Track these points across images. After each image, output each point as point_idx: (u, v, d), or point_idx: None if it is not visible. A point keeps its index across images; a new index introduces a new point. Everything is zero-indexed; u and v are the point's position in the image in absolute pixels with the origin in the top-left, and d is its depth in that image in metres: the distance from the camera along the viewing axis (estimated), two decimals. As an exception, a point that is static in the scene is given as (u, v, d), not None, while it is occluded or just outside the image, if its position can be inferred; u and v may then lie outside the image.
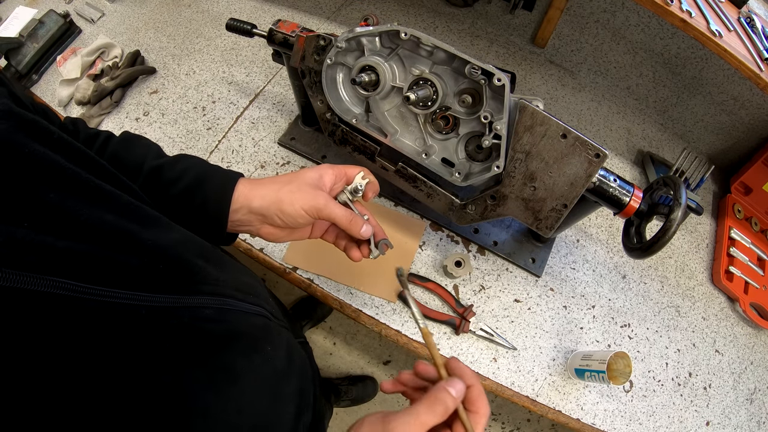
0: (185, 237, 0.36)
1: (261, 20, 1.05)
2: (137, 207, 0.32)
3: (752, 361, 0.78)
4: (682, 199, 0.51)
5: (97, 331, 0.24)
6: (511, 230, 0.80)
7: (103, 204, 0.29)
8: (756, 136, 0.93)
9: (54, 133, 0.28)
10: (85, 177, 0.28)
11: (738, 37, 0.73)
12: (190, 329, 0.30)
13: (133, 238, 0.29)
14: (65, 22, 1.00)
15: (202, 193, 0.43)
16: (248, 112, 0.90)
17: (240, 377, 0.32)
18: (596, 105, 1.02)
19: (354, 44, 0.60)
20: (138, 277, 0.28)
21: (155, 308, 0.28)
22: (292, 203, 0.43)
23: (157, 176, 0.44)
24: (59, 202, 0.25)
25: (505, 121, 0.53)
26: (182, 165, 0.45)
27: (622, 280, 0.80)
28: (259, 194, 0.44)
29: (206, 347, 0.30)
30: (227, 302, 0.34)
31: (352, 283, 0.72)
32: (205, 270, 0.34)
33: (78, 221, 0.26)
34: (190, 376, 0.28)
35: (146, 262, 0.29)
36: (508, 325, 0.72)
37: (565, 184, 0.56)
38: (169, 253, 0.31)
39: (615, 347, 0.74)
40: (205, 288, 0.33)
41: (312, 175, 0.46)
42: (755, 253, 0.86)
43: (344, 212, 0.45)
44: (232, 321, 0.34)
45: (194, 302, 0.31)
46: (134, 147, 0.46)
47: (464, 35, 1.07)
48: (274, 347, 0.38)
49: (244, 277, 0.41)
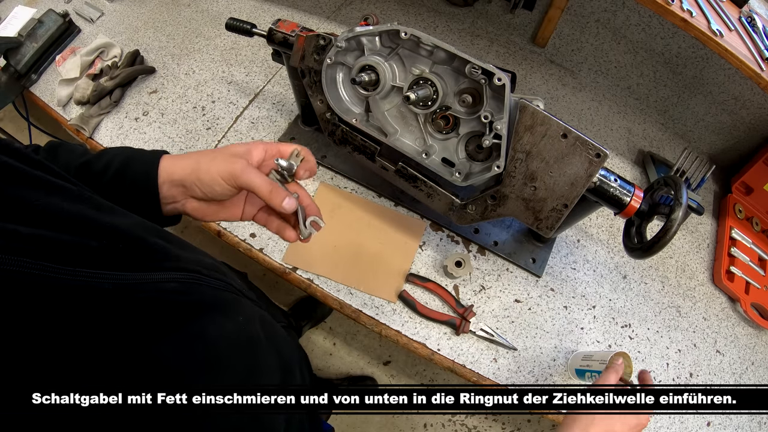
0: (142, 221, 0.36)
1: (261, 20, 1.04)
2: (90, 197, 0.33)
3: (753, 362, 0.78)
4: (683, 199, 0.51)
5: (65, 308, 0.25)
6: (511, 230, 0.79)
7: (58, 194, 0.30)
8: (757, 135, 0.93)
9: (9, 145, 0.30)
10: (36, 173, 0.30)
11: (739, 36, 0.73)
12: (157, 301, 0.30)
13: (92, 221, 0.30)
14: (64, 22, 1.00)
15: (130, 174, 0.43)
16: (248, 112, 0.90)
17: (214, 343, 0.32)
18: (597, 105, 1.01)
19: (354, 44, 0.60)
20: (99, 257, 0.28)
21: (120, 284, 0.28)
22: (209, 170, 0.42)
23: (87, 171, 0.44)
24: (17, 194, 0.27)
25: (505, 120, 0.53)
26: (108, 155, 0.45)
27: (622, 281, 0.80)
28: (180, 165, 0.44)
29: (175, 316, 0.31)
30: (192, 276, 0.35)
31: (352, 283, 0.72)
32: (165, 249, 0.35)
33: (36, 210, 0.27)
34: (165, 344, 0.29)
35: (105, 243, 0.29)
36: (509, 326, 0.72)
37: (565, 184, 0.55)
38: (128, 233, 0.32)
39: (616, 348, 0.74)
40: (167, 264, 0.33)
41: (239, 149, 0.45)
42: (756, 253, 0.86)
43: (263, 180, 0.42)
44: (198, 293, 0.35)
45: (158, 277, 0.31)
46: (60, 153, 0.46)
47: (464, 35, 1.07)
48: (246, 319, 0.38)
49: (206, 259, 0.41)
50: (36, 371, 0.22)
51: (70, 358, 0.24)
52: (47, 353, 0.23)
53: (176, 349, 0.29)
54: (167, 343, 0.29)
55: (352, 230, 0.77)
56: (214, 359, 0.32)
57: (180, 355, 0.29)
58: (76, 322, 0.25)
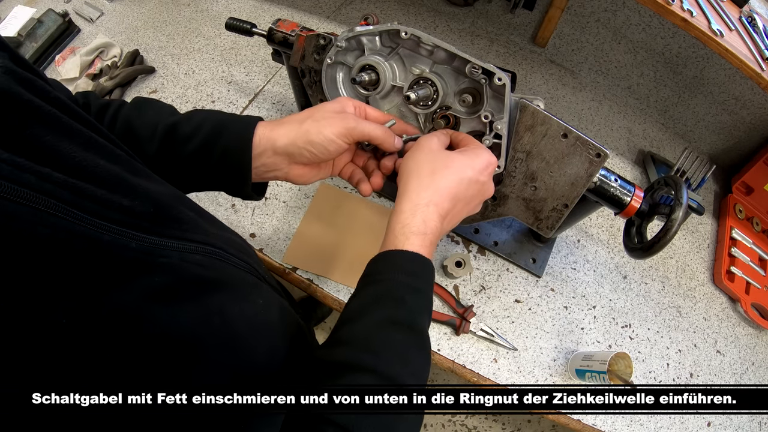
0: (176, 192, 0.36)
1: (260, 19, 1.04)
2: (128, 160, 0.32)
3: (754, 362, 0.78)
4: (684, 199, 0.51)
5: (86, 258, 0.24)
6: (511, 230, 0.79)
7: (96, 152, 0.29)
8: (757, 135, 0.93)
9: (50, 92, 0.29)
10: (79, 128, 0.29)
11: (739, 36, 0.73)
12: (180, 268, 0.30)
13: (126, 181, 0.29)
14: (64, 22, 0.99)
15: (221, 143, 0.42)
16: (248, 112, 0.90)
17: (232, 320, 0.32)
18: (597, 104, 1.01)
19: (354, 43, 0.59)
20: (128, 216, 0.28)
21: (144, 245, 0.28)
22: (320, 131, 0.42)
23: (173, 134, 0.43)
24: (54, 143, 0.26)
25: (505, 120, 0.53)
26: (197, 119, 0.44)
27: (623, 281, 0.80)
28: (282, 132, 0.43)
29: (195, 287, 0.30)
30: (217, 252, 0.34)
31: (352, 284, 0.72)
32: (195, 221, 0.34)
33: (73, 161, 0.26)
34: (182, 311, 0.28)
35: (137, 204, 0.29)
36: (509, 326, 0.72)
37: (566, 183, 0.55)
38: (160, 199, 0.31)
39: (616, 348, 0.74)
40: (194, 236, 0.33)
41: (333, 105, 0.45)
42: (756, 254, 0.86)
43: (377, 127, 0.45)
44: (221, 270, 0.34)
45: (184, 246, 0.31)
46: (147, 110, 0.45)
47: (465, 34, 1.07)
48: (266, 303, 0.38)
49: (236, 238, 0.41)
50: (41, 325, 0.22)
51: (79, 311, 0.23)
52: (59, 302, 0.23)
53: (193, 319, 0.29)
54: (183, 312, 0.28)
55: (352, 230, 0.77)
56: (231, 336, 0.31)
57: (196, 325, 0.29)
58: (95, 276, 0.24)
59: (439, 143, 0.47)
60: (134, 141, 0.43)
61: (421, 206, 0.41)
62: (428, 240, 0.40)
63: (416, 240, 0.40)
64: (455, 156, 0.45)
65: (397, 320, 0.36)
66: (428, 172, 0.43)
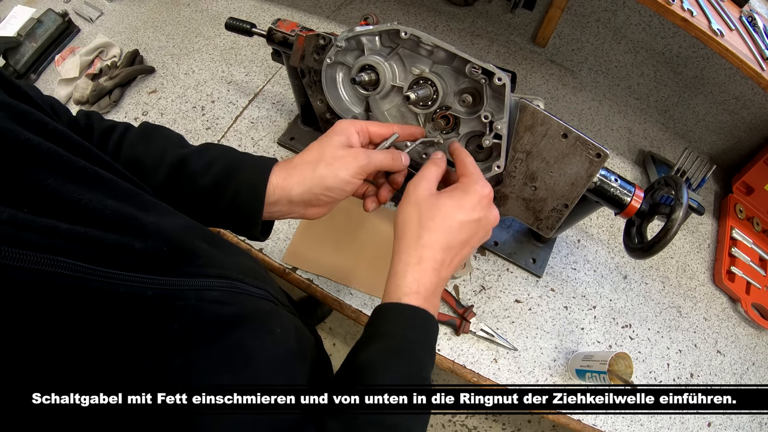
0: (187, 222, 0.35)
1: (260, 19, 1.04)
2: (137, 193, 0.31)
3: (754, 362, 0.78)
4: (684, 199, 0.51)
5: (102, 313, 0.23)
6: (511, 230, 0.79)
7: (103, 189, 0.28)
8: (758, 135, 0.93)
9: (48, 125, 0.28)
10: (83, 164, 0.28)
11: (740, 36, 0.73)
12: (198, 310, 0.29)
13: (136, 221, 0.28)
14: (63, 22, 0.99)
15: (232, 187, 0.41)
16: (247, 112, 0.90)
17: (253, 357, 0.31)
18: (597, 104, 1.01)
19: (354, 43, 0.59)
20: (142, 260, 0.27)
21: (161, 290, 0.27)
22: (336, 175, 0.42)
23: (182, 167, 0.42)
24: (58, 187, 0.25)
25: (505, 120, 0.53)
26: (209, 155, 0.43)
27: (623, 281, 0.80)
28: (296, 181, 0.42)
29: (216, 327, 0.30)
30: (234, 284, 0.34)
31: (352, 284, 0.72)
32: (209, 253, 0.33)
33: (78, 205, 0.25)
34: (203, 357, 0.28)
35: (149, 245, 0.28)
36: (509, 326, 0.72)
37: (566, 183, 0.55)
38: (172, 236, 0.30)
39: (616, 348, 0.73)
40: (210, 271, 0.32)
41: (339, 139, 0.44)
42: (757, 254, 0.86)
43: (385, 155, 0.45)
44: (240, 303, 0.33)
45: (200, 285, 0.30)
46: (154, 138, 0.44)
47: (464, 34, 1.07)
48: (284, 330, 0.37)
49: (249, 262, 0.40)
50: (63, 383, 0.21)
51: (102, 370, 0.23)
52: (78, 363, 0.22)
53: (212, 361, 0.28)
54: (203, 355, 0.28)
55: (352, 230, 0.77)
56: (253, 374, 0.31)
57: (216, 369, 0.28)
58: (112, 330, 0.24)
59: (427, 186, 0.44)
60: (139, 170, 0.42)
61: (412, 265, 0.40)
62: (422, 297, 0.40)
63: (410, 300, 0.40)
64: (442, 202, 0.43)
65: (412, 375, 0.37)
66: (416, 228, 0.42)
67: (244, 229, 0.44)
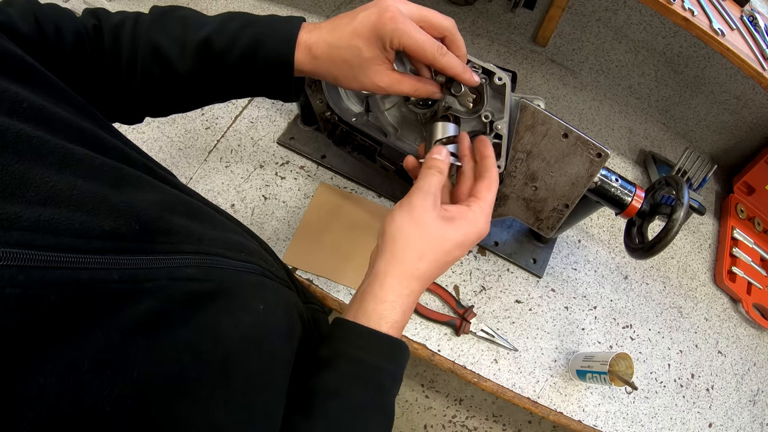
0: (167, 197, 0.33)
1: (260, 19, 1.04)
2: (112, 168, 0.30)
3: (755, 363, 0.77)
4: (685, 199, 0.51)
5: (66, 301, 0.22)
6: (512, 230, 0.79)
7: (74, 169, 0.27)
8: (759, 135, 0.92)
9: (22, 102, 0.26)
10: (54, 143, 0.26)
11: (741, 35, 0.72)
12: (169, 289, 0.28)
13: (106, 200, 0.27)
14: (64, 22, 0.99)
15: (261, 56, 0.42)
16: (247, 112, 0.90)
17: (224, 337, 0.30)
18: (598, 104, 1.01)
19: (353, 43, 0.59)
20: (111, 241, 0.26)
21: (128, 272, 0.26)
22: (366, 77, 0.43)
23: (208, 51, 0.42)
24: (24, 171, 0.23)
25: (506, 120, 0.52)
26: (230, 28, 0.43)
27: (624, 281, 0.79)
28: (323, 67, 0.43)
29: (185, 307, 0.29)
30: (213, 260, 0.33)
31: (352, 284, 0.72)
32: (188, 228, 0.32)
33: (46, 187, 0.24)
34: (169, 338, 0.27)
35: (121, 224, 0.27)
36: (509, 326, 0.72)
37: (566, 183, 0.55)
38: (145, 213, 0.29)
39: (617, 348, 0.73)
40: (186, 247, 0.31)
41: None
42: (758, 254, 0.86)
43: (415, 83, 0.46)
44: (218, 279, 0.32)
45: (173, 262, 0.29)
46: (171, 25, 0.43)
47: (465, 34, 1.07)
48: (268, 307, 0.36)
49: (235, 236, 0.39)
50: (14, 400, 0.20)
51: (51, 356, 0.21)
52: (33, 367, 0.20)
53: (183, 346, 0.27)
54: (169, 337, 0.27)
55: (352, 230, 0.76)
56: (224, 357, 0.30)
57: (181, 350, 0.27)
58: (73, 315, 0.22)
59: (434, 202, 0.42)
60: (164, 62, 0.42)
61: (403, 297, 0.39)
62: (400, 327, 0.40)
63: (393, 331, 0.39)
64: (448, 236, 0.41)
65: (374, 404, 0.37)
66: (415, 258, 0.40)
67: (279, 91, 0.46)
